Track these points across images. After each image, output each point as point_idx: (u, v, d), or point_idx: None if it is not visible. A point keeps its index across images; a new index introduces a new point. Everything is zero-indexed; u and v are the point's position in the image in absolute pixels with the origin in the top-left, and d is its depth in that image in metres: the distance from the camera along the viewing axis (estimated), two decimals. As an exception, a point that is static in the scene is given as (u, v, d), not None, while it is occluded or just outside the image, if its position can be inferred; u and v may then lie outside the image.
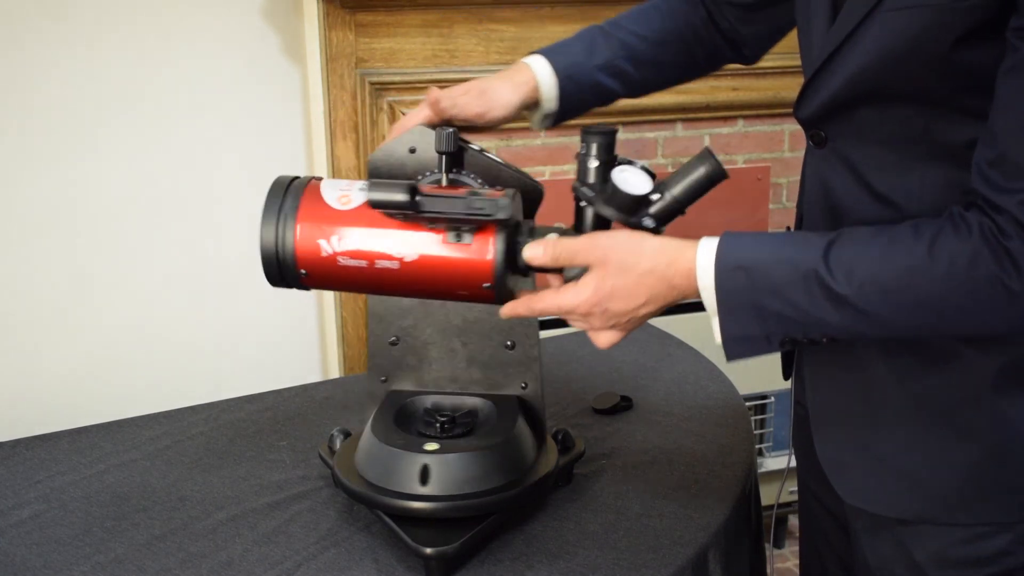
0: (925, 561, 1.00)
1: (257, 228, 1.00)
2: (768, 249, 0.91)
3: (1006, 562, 0.97)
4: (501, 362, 1.17)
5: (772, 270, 0.89)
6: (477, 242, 0.98)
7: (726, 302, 0.91)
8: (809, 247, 0.89)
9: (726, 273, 0.91)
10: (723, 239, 0.92)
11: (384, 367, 1.24)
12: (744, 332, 0.92)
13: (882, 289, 0.86)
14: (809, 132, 1.00)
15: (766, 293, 0.89)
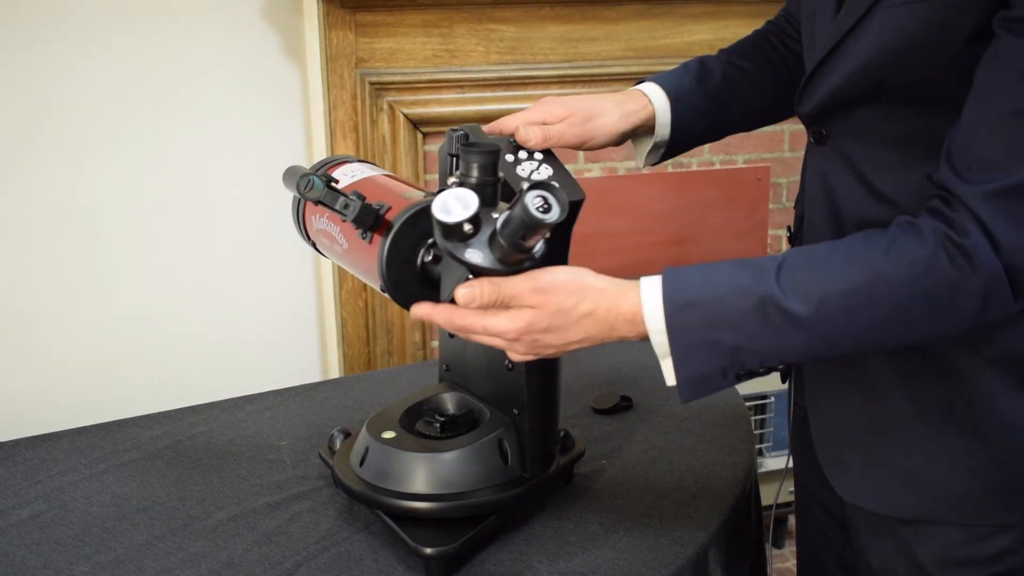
0: (928, 561, 0.99)
1: (257, 228, 1.02)
2: (716, 281, 0.87)
3: (1009, 561, 0.97)
4: (503, 382, 1.15)
5: (723, 302, 0.86)
6: (376, 243, 0.97)
7: (679, 343, 0.88)
8: (759, 272, 0.86)
9: (676, 312, 0.87)
10: (666, 276, 0.89)
11: (446, 356, 1.25)
12: (699, 371, 0.88)
13: (841, 305, 0.84)
14: (810, 129, 1.00)
15: (720, 327, 0.86)
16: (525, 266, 0.89)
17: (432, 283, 0.96)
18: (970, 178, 0.81)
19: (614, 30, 2.28)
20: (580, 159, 2.41)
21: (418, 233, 0.96)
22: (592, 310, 0.90)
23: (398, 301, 0.98)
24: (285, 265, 2.25)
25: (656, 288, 0.89)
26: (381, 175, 1.09)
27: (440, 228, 0.87)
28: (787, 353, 0.87)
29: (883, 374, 0.98)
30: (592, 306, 0.90)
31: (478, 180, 0.90)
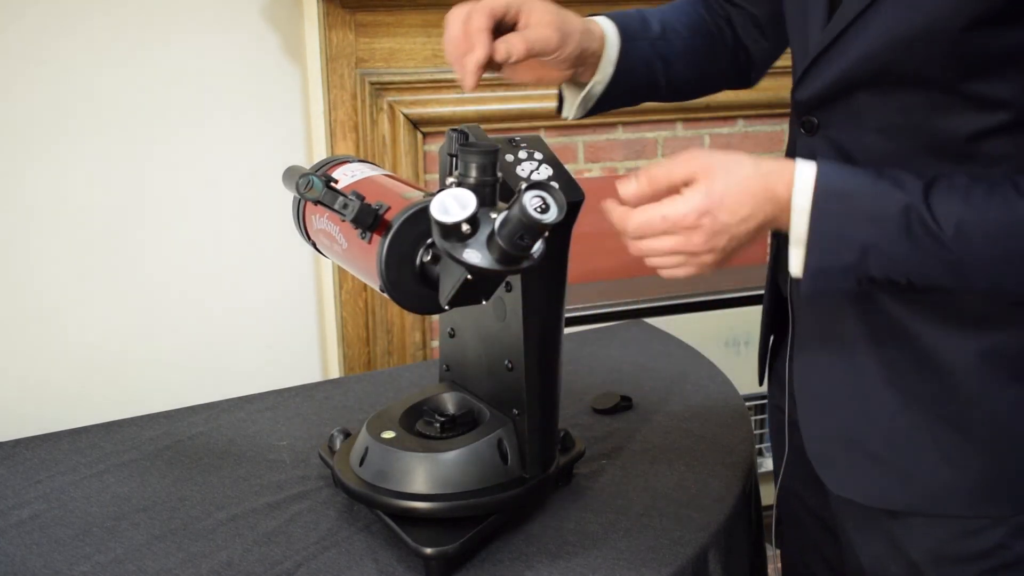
0: (920, 559, 0.99)
1: (257, 228, 1.02)
2: (868, 179, 0.88)
3: (1002, 555, 0.97)
4: (503, 382, 1.15)
5: (871, 198, 0.86)
6: (375, 243, 0.97)
7: (819, 227, 0.87)
8: (907, 183, 0.87)
9: (824, 196, 0.87)
10: (820, 164, 0.89)
11: (446, 355, 1.25)
12: (830, 264, 0.88)
13: (981, 235, 0.84)
14: (801, 119, 0.99)
15: (861, 222, 0.86)
16: (524, 266, 0.89)
17: (431, 283, 0.96)
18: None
19: (614, 30, 2.28)
20: (580, 159, 2.41)
21: (417, 233, 0.96)
22: (755, 171, 0.89)
23: (397, 301, 0.98)
24: (285, 265, 2.25)
25: (811, 170, 0.88)
26: (381, 175, 1.09)
27: (438, 228, 0.87)
28: (915, 267, 0.87)
29: (871, 368, 0.98)
30: (753, 168, 0.89)
31: (476, 180, 0.90)
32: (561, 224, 0.87)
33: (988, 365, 0.93)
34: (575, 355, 1.64)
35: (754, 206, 0.89)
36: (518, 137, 1.11)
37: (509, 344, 1.12)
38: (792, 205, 0.88)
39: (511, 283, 1.08)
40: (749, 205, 0.88)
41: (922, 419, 0.96)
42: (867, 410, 0.99)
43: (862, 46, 0.90)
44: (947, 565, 0.99)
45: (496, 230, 0.87)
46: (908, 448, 0.97)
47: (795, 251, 0.90)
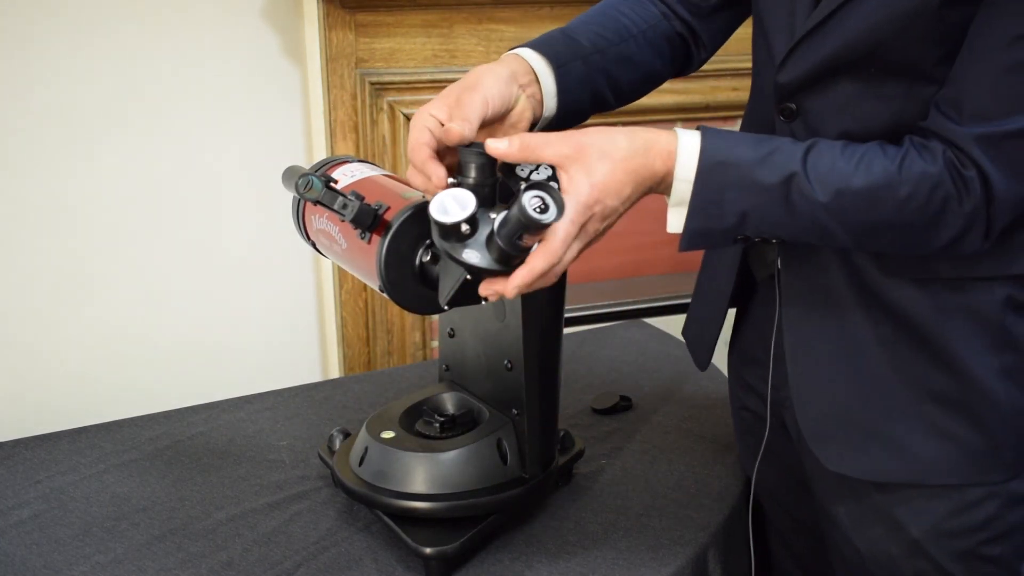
0: (920, 536, 1.02)
1: (257, 228, 1.02)
2: (749, 147, 0.91)
3: (997, 526, 1.00)
4: (503, 382, 1.15)
5: (754, 170, 0.90)
6: (374, 243, 0.97)
7: (702, 194, 0.91)
8: (787, 150, 0.90)
9: (710, 167, 0.90)
10: (705, 133, 0.92)
11: (446, 355, 1.25)
12: (707, 226, 0.92)
13: (853, 200, 0.88)
14: (779, 105, 0.99)
15: (742, 190, 0.90)
16: None
17: (430, 283, 0.96)
18: (964, 124, 0.86)
19: (614, 30, 2.28)
20: (580, 159, 2.41)
21: (416, 233, 0.96)
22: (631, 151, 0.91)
23: (396, 301, 0.98)
24: (285, 265, 2.25)
25: (694, 140, 0.91)
26: (380, 175, 1.09)
27: (437, 228, 0.87)
28: (788, 230, 0.92)
29: (865, 343, 0.99)
30: (629, 147, 0.91)
31: (476, 180, 0.90)
32: None
33: (974, 338, 0.96)
34: (575, 355, 1.64)
35: (635, 185, 0.91)
36: None
37: (509, 344, 1.12)
38: (675, 175, 0.91)
39: None
40: (631, 185, 0.91)
41: (914, 391, 0.98)
42: (861, 385, 1.01)
43: (851, 27, 0.90)
44: (946, 540, 1.01)
45: (495, 230, 0.87)
46: (901, 420, 0.99)
47: (675, 211, 0.93)
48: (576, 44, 1.09)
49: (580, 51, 1.08)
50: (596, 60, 1.09)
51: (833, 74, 0.94)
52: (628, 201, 0.92)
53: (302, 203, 1.12)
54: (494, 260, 0.87)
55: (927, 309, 0.96)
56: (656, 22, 1.14)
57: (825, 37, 0.92)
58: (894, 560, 1.04)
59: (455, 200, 0.87)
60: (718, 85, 2.38)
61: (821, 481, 1.10)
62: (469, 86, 1.00)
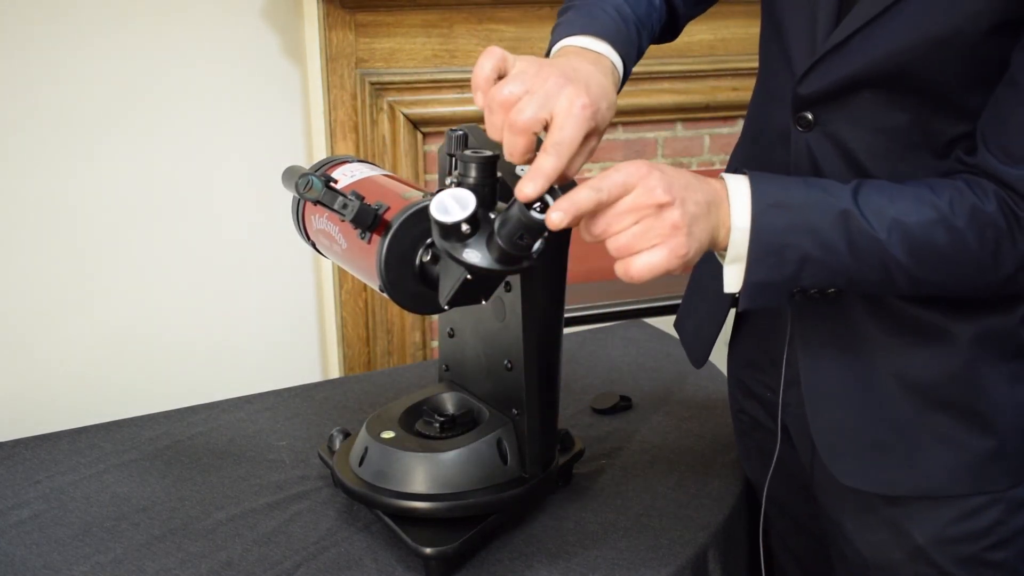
0: (924, 542, 1.01)
1: (257, 228, 1.02)
2: (799, 186, 0.87)
3: (1000, 532, 1.00)
4: (503, 382, 1.15)
5: (810, 208, 0.85)
6: (374, 243, 0.97)
7: (759, 244, 0.85)
8: (836, 189, 0.87)
9: (765, 211, 0.85)
10: (752, 177, 0.87)
11: (446, 355, 1.25)
12: (768, 277, 0.87)
13: (909, 237, 0.85)
14: (796, 115, 0.98)
15: (802, 232, 0.85)
16: (523, 266, 0.89)
17: (431, 283, 0.96)
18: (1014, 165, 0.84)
19: (614, 30, 2.28)
20: (580, 159, 2.41)
21: (416, 233, 0.96)
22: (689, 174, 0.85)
23: (397, 301, 0.98)
24: (285, 265, 2.25)
25: (742, 184, 0.86)
26: (380, 175, 1.09)
27: (438, 228, 0.87)
28: (847, 274, 0.88)
29: (877, 358, 0.99)
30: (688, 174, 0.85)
31: (476, 180, 0.90)
32: None
33: (983, 348, 0.96)
34: (575, 355, 1.64)
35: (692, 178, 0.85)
36: None
37: (509, 344, 1.12)
38: (730, 221, 0.86)
39: (511, 283, 1.08)
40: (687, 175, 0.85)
41: (923, 404, 0.98)
42: (872, 399, 1.01)
43: (876, 47, 0.89)
44: (949, 546, 1.01)
45: (496, 230, 0.87)
46: (911, 433, 0.99)
47: (732, 268, 0.88)
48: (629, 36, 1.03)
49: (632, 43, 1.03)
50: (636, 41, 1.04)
51: (855, 88, 0.93)
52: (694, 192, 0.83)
53: (302, 203, 1.12)
54: (495, 260, 0.87)
55: (939, 320, 0.96)
56: None
57: (849, 55, 0.91)
58: (897, 565, 1.04)
59: (455, 200, 0.86)
60: (718, 85, 2.38)
61: (827, 489, 1.09)
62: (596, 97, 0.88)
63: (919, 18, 0.85)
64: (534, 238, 0.87)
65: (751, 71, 2.14)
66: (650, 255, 0.83)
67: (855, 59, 0.91)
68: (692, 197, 0.83)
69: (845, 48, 0.91)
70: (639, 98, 2.35)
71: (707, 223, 0.85)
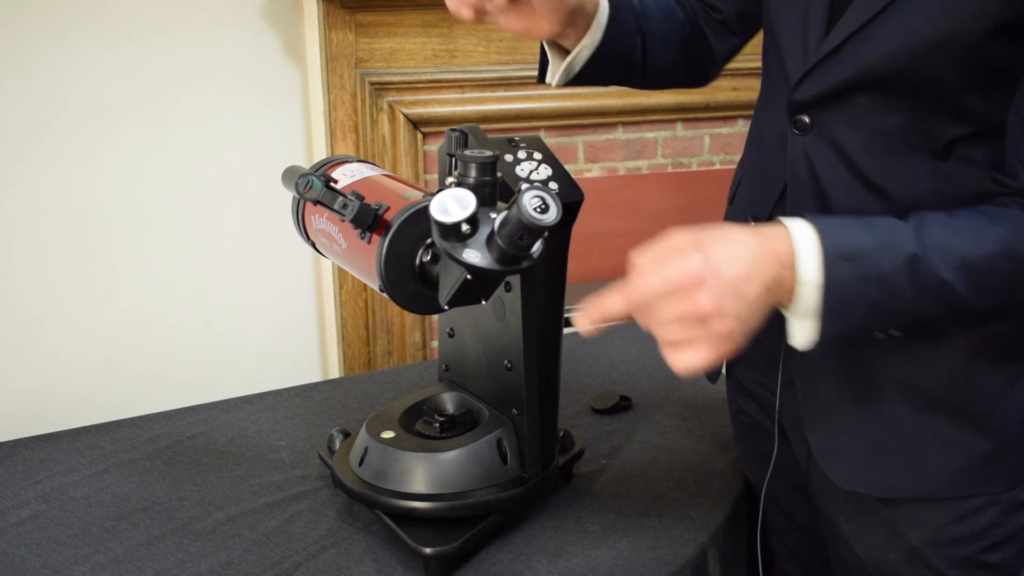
0: (919, 543, 1.01)
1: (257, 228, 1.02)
2: (864, 232, 0.84)
3: (996, 534, 1.00)
4: (503, 382, 1.15)
5: (877, 256, 0.82)
6: (374, 243, 0.97)
7: (833, 298, 0.82)
8: (899, 230, 0.84)
9: (834, 264, 0.82)
10: (818, 224, 0.83)
11: (446, 355, 1.25)
12: (842, 328, 0.84)
13: (973, 271, 0.83)
14: (792, 117, 0.98)
15: (872, 282, 0.82)
16: (523, 266, 0.89)
17: (430, 283, 0.96)
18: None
19: (614, 30, 2.28)
20: (580, 159, 2.41)
21: (416, 233, 0.96)
22: (746, 233, 0.82)
23: (397, 301, 0.98)
24: (285, 265, 2.25)
25: (809, 235, 0.83)
26: (380, 175, 1.09)
27: (438, 228, 0.87)
28: (911, 315, 0.85)
29: (874, 362, 0.99)
30: (742, 232, 0.82)
31: (476, 180, 0.90)
32: (561, 224, 0.87)
33: (980, 349, 0.96)
34: (575, 355, 1.64)
35: (755, 264, 0.81)
36: (518, 137, 1.11)
37: (509, 344, 1.12)
38: (798, 277, 0.83)
39: (511, 283, 1.08)
40: (749, 263, 0.81)
41: (921, 407, 0.98)
42: (869, 401, 1.01)
43: (870, 52, 0.89)
44: (946, 547, 1.01)
45: (496, 230, 0.87)
46: (909, 437, 0.99)
47: (803, 323, 0.85)
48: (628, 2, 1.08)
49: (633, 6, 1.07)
50: (642, 22, 1.08)
51: (850, 92, 0.93)
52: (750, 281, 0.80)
53: (302, 203, 1.12)
54: (495, 260, 0.87)
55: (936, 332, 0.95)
56: (690, 19, 1.15)
57: (841, 62, 0.91)
58: (893, 567, 1.04)
59: (455, 200, 0.87)
60: (718, 85, 2.37)
61: (823, 490, 1.10)
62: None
63: (910, 22, 0.86)
64: (534, 238, 0.87)
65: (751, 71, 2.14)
66: (695, 355, 0.81)
67: (848, 65, 0.91)
68: (745, 295, 0.80)
69: (836, 56, 0.91)
70: (639, 98, 2.35)
71: (763, 309, 0.82)
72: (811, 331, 0.84)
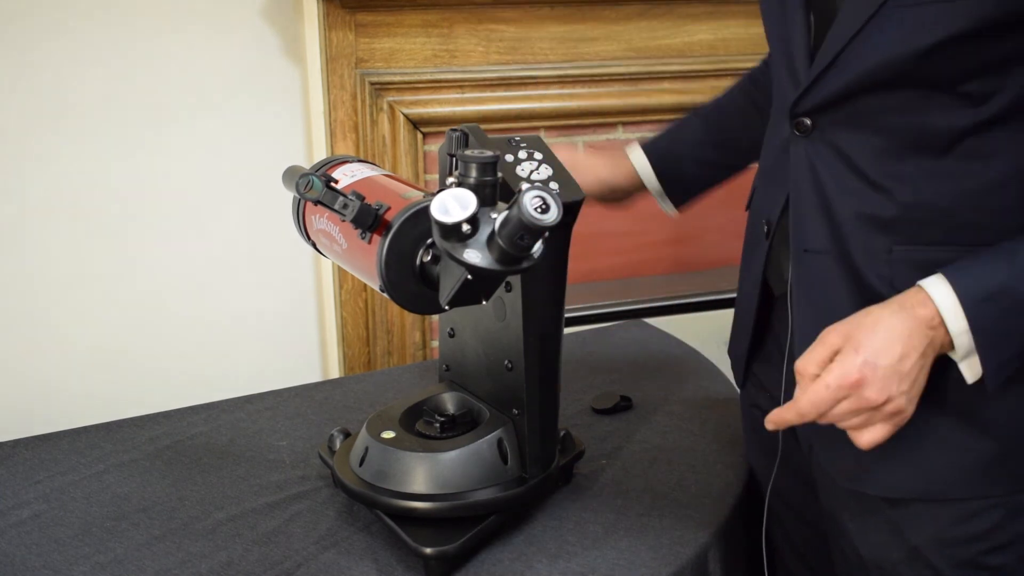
0: (922, 544, 1.01)
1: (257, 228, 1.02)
2: (997, 269, 0.90)
3: (998, 537, 1.00)
4: (503, 382, 1.15)
5: (1015, 286, 0.89)
6: (375, 243, 0.97)
7: (984, 335, 0.90)
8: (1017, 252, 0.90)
9: (976, 309, 0.89)
10: (951, 278, 0.90)
11: (446, 355, 1.25)
12: (1004, 357, 0.91)
13: None
14: (793, 121, 0.99)
15: (1018, 312, 0.89)
16: (524, 266, 0.90)
17: (431, 283, 0.96)
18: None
19: (614, 30, 2.28)
20: (580, 159, 2.41)
21: (417, 233, 0.96)
22: (884, 311, 0.92)
23: (397, 301, 0.98)
24: (285, 265, 2.25)
25: (946, 289, 0.90)
26: (381, 175, 1.09)
27: (438, 228, 0.87)
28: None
29: None
30: (879, 310, 0.92)
31: (477, 180, 0.90)
32: (561, 224, 0.87)
33: None
34: (575, 355, 1.64)
35: (906, 341, 0.90)
36: (518, 137, 1.11)
37: (509, 344, 1.12)
38: (949, 331, 0.90)
39: (511, 283, 1.08)
40: (901, 342, 0.90)
41: (923, 407, 0.97)
42: None
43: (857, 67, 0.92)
44: (947, 549, 1.01)
45: (496, 230, 0.87)
46: (912, 437, 0.99)
47: (967, 363, 0.92)
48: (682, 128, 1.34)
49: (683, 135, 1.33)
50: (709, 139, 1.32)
51: (848, 98, 0.94)
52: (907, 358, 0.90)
53: (302, 203, 1.12)
54: (495, 260, 0.88)
55: None
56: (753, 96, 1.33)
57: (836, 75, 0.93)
58: (895, 566, 1.04)
59: (456, 200, 0.87)
60: (718, 85, 2.36)
61: (827, 488, 1.10)
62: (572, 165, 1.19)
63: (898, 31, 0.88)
64: (534, 238, 0.87)
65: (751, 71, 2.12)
66: (876, 433, 0.93)
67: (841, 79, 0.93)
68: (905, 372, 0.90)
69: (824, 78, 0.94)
70: (639, 98, 2.35)
71: (925, 373, 0.92)
72: (976, 367, 0.91)
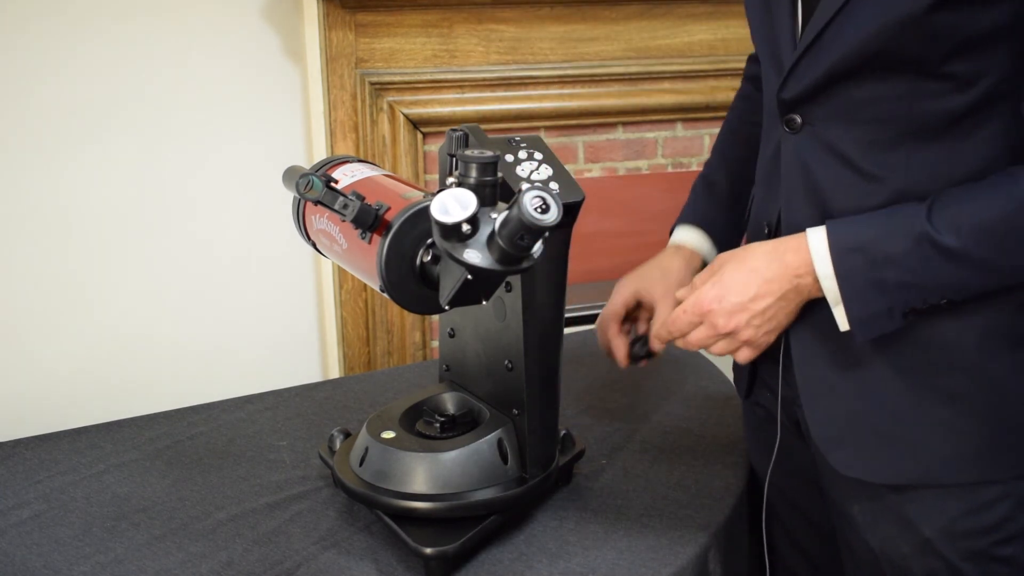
0: (932, 535, 1.02)
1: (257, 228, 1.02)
2: (874, 224, 0.94)
3: (1009, 528, 1.00)
4: (503, 382, 1.15)
5: (884, 242, 0.92)
6: (375, 243, 0.97)
7: (848, 285, 0.94)
8: (910, 214, 0.92)
9: (843, 256, 0.94)
10: (829, 226, 0.96)
11: (446, 355, 1.25)
12: (869, 311, 0.94)
13: (989, 234, 0.89)
14: (783, 118, 1.00)
15: (884, 266, 0.92)
16: (524, 266, 0.90)
17: (431, 283, 0.96)
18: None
19: (614, 30, 2.28)
20: (580, 159, 2.41)
21: (417, 233, 0.96)
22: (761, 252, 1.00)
23: (397, 301, 0.98)
24: (285, 265, 2.25)
25: (821, 236, 0.96)
26: (381, 175, 1.09)
27: (439, 228, 0.87)
28: (947, 287, 0.93)
29: (870, 346, 1.00)
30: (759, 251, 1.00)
31: (477, 180, 0.90)
32: (561, 224, 0.87)
33: (986, 337, 0.96)
34: (575, 355, 1.64)
35: (763, 284, 0.99)
36: (518, 137, 1.11)
37: (509, 344, 1.12)
38: (816, 273, 0.96)
39: (511, 283, 1.08)
40: (757, 284, 0.99)
41: (922, 391, 0.99)
42: (869, 388, 1.01)
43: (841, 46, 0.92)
44: (958, 540, 1.01)
45: (496, 230, 0.87)
46: (911, 421, 1.00)
47: (836, 309, 0.97)
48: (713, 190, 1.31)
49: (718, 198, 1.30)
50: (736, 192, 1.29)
51: (834, 83, 0.95)
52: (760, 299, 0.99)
53: (302, 203, 1.12)
54: (495, 260, 0.88)
55: (938, 315, 0.96)
56: None
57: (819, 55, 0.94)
58: (906, 558, 1.04)
59: (456, 200, 0.87)
60: (718, 85, 2.38)
61: (834, 481, 1.10)
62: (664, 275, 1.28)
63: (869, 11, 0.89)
64: (534, 238, 0.87)
65: (751, 71, 2.10)
66: (743, 355, 1.05)
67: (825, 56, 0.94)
68: (754, 310, 1.00)
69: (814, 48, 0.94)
70: (639, 98, 2.35)
71: (784, 313, 1.01)
72: (843, 315, 0.96)
